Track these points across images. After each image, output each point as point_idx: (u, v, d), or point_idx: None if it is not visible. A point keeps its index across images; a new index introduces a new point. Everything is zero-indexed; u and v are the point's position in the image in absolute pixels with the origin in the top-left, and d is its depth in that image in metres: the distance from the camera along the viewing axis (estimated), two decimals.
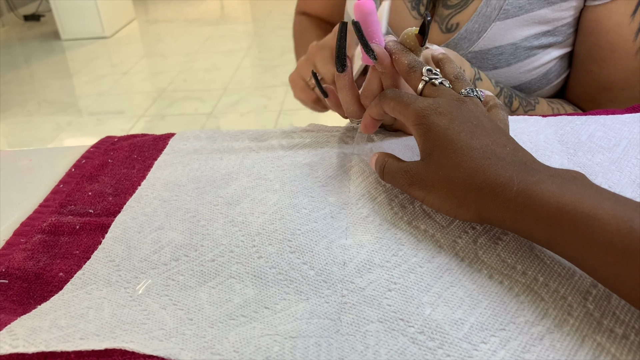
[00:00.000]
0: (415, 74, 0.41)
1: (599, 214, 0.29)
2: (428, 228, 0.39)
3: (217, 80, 2.83)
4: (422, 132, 0.38)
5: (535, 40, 0.60)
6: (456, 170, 0.35)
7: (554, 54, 0.62)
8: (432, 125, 0.37)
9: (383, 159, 0.42)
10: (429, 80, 0.41)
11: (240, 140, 0.54)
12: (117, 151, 0.54)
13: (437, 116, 0.37)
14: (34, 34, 3.94)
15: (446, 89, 0.40)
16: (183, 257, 0.38)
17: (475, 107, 0.39)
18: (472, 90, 0.41)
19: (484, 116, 0.38)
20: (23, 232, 0.43)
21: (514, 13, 0.59)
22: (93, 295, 0.36)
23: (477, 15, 0.60)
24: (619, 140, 0.47)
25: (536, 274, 0.34)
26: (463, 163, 0.35)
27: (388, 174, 0.41)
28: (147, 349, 0.30)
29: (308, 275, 0.36)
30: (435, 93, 0.40)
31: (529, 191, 0.32)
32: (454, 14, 0.62)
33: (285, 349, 0.30)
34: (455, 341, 0.30)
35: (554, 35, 0.60)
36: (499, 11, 0.59)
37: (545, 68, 0.62)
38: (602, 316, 0.31)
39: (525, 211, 0.32)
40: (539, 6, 0.58)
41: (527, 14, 0.59)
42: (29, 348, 0.30)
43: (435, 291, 0.33)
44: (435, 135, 0.37)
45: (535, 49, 0.60)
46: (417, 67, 0.42)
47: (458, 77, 0.43)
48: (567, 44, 0.62)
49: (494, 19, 0.59)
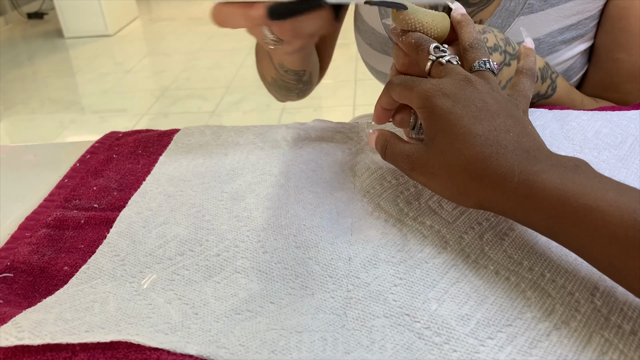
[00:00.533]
0: (423, 53, 0.40)
1: (602, 206, 0.29)
2: (434, 224, 0.39)
3: (220, 79, 2.83)
4: (426, 115, 0.37)
5: (559, 35, 0.59)
6: (457, 157, 0.34)
7: (576, 49, 0.61)
8: (435, 108, 0.36)
9: (385, 139, 0.41)
10: (435, 59, 0.39)
11: (245, 135, 0.53)
12: (121, 146, 0.54)
13: (441, 98, 0.36)
14: (38, 32, 3.94)
15: (453, 67, 0.39)
16: (188, 251, 0.38)
17: (483, 86, 0.37)
18: (484, 62, 0.40)
19: (491, 96, 0.37)
20: (28, 226, 0.43)
21: (539, 7, 0.57)
22: (98, 289, 0.36)
23: (501, 10, 0.58)
24: (626, 137, 0.47)
25: (543, 270, 0.34)
26: (464, 150, 0.34)
27: (390, 155, 0.40)
28: (152, 342, 0.30)
29: (313, 270, 0.36)
30: (442, 72, 0.39)
31: (530, 182, 0.31)
32: (477, 11, 0.60)
33: (291, 343, 0.30)
34: (461, 337, 0.30)
35: (577, 29, 0.59)
36: (524, 5, 0.57)
37: (567, 64, 0.61)
38: (609, 312, 0.30)
39: (526, 202, 0.31)
40: (564, 0, 0.57)
41: (552, 7, 0.57)
42: (35, 340, 0.30)
43: (441, 287, 0.33)
44: (438, 118, 0.36)
45: (559, 44, 0.59)
46: (424, 45, 0.40)
47: (473, 45, 0.41)
48: (588, 37, 0.61)
49: (518, 14, 0.58)
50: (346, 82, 2.63)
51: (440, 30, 0.43)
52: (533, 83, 0.42)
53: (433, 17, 0.43)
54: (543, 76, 0.53)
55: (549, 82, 0.54)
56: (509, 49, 0.49)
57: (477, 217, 0.39)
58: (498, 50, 0.47)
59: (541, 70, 0.53)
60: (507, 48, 0.49)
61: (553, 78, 0.54)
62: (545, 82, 0.54)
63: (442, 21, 0.43)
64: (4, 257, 0.40)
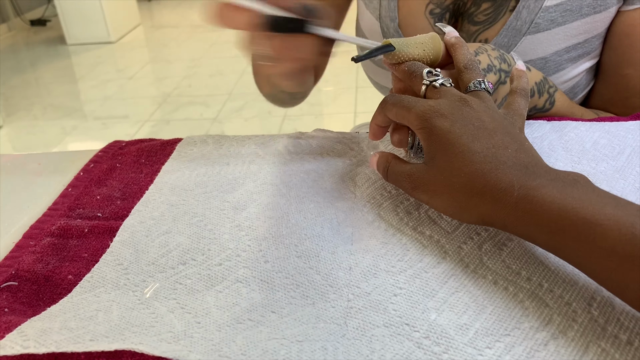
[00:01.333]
0: (417, 79, 0.41)
1: (601, 219, 0.29)
2: (433, 234, 0.39)
3: (222, 86, 2.85)
4: (426, 135, 0.38)
5: (566, 54, 0.59)
6: (457, 175, 0.35)
7: (582, 67, 0.61)
8: (434, 129, 0.37)
9: (386, 160, 0.42)
10: (429, 83, 0.41)
11: (246, 145, 0.54)
12: (125, 155, 0.55)
13: (439, 118, 0.37)
14: (40, 38, 3.97)
15: (448, 90, 0.40)
16: (190, 260, 0.39)
17: (479, 105, 0.38)
18: (479, 82, 0.41)
19: (487, 115, 0.38)
20: (32, 235, 0.44)
21: (546, 27, 0.57)
22: (102, 298, 0.36)
23: (507, 29, 0.58)
24: (623, 148, 0.48)
25: (541, 280, 0.34)
26: (464, 167, 0.35)
27: (392, 176, 0.41)
28: (156, 351, 0.30)
29: (314, 279, 0.36)
30: (437, 95, 0.40)
31: (530, 197, 0.32)
32: (482, 30, 0.60)
33: (292, 352, 0.30)
34: (460, 346, 0.30)
35: (583, 47, 0.59)
36: (530, 25, 0.57)
37: (573, 82, 0.61)
38: (606, 322, 0.31)
39: (526, 217, 0.32)
40: (571, 19, 0.57)
41: (559, 27, 0.57)
42: (40, 349, 0.31)
43: (440, 296, 0.34)
44: (437, 138, 0.37)
45: (565, 63, 0.60)
46: (417, 71, 0.42)
47: (467, 67, 0.42)
48: (594, 55, 0.61)
49: (525, 33, 0.58)
50: (347, 89, 2.64)
51: (432, 57, 0.44)
52: (527, 102, 0.43)
53: (423, 46, 0.44)
54: (540, 90, 0.54)
55: (547, 96, 0.54)
56: (504, 66, 0.49)
57: (475, 228, 0.39)
58: (492, 70, 0.48)
59: (537, 84, 0.53)
60: (502, 66, 0.49)
61: (551, 92, 0.55)
62: (543, 96, 0.54)
63: (432, 47, 0.44)
64: (9, 265, 0.40)
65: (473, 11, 0.60)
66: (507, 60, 0.50)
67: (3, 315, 0.35)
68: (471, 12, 0.60)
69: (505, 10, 0.58)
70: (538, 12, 0.56)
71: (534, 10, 0.56)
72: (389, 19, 0.63)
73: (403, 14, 0.63)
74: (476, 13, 0.60)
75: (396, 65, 0.44)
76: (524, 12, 0.57)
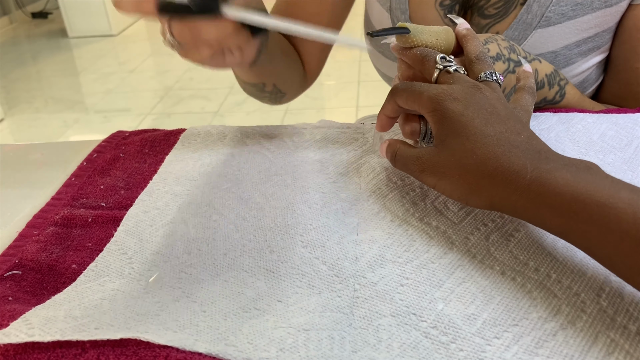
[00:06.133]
0: (429, 63, 0.41)
1: (615, 202, 0.29)
2: (440, 225, 0.39)
3: (224, 79, 2.84)
4: (437, 118, 0.37)
5: (576, 48, 0.58)
6: (469, 156, 0.35)
7: (592, 61, 0.61)
8: (446, 111, 0.37)
9: (395, 146, 0.42)
10: (443, 68, 0.40)
11: (250, 136, 0.54)
12: (128, 145, 0.54)
13: (452, 102, 0.37)
14: (42, 31, 3.95)
15: (461, 76, 0.40)
16: (195, 250, 0.39)
17: (491, 93, 0.38)
18: (491, 74, 0.41)
19: (500, 103, 0.38)
20: (36, 224, 0.44)
21: (556, 20, 0.57)
22: (106, 287, 0.36)
23: (517, 22, 0.58)
24: (631, 139, 0.47)
25: (549, 270, 0.34)
26: (476, 149, 0.35)
27: (400, 161, 0.41)
28: (161, 339, 0.30)
29: (320, 269, 0.36)
30: (450, 80, 0.39)
31: (543, 179, 0.32)
32: (493, 24, 0.60)
33: (299, 341, 0.30)
34: (468, 336, 0.30)
35: (593, 42, 0.59)
36: (541, 18, 0.57)
37: (583, 76, 0.61)
38: (615, 313, 0.31)
39: (538, 199, 0.32)
40: (582, 13, 0.56)
41: (569, 21, 0.57)
42: (45, 337, 0.30)
43: (447, 287, 0.34)
44: (450, 121, 0.36)
45: (575, 57, 0.59)
46: (430, 56, 0.41)
47: (479, 58, 0.42)
48: (604, 49, 0.61)
49: (535, 27, 0.57)
50: (349, 83, 2.64)
51: (444, 47, 0.44)
52: (534, 99, 0.43)
53: (437, 35, 0.43)
54: (550, 82, 0.53)
55: (557, 88, 0.54)
56: (513, 56, 0.49)
57: (482, 218, 0.39)
58: (501, 59, 0.48)
59: (548, 76, 0.53)
60: (511, 55, 0.49)
61: (562, 85, 0.55)
62: (553, 88, 0.54)
63: (445, 38, 0.44)
64: (13, 254, 0.40)
65: (483, 4, 0.60)
66: (517, 50, 0.50)
67: (7, 303, 0.35)
68: (481, 4, 0.60)
69: (516, 4, 0.58)
70: (549, 5, 0.56)
71: (545, 4, 0.56)
72: (400, 11, 0.63)
73: (413, 6, 0.62)
74: (486, 6, 0.59)
75: (406, 50, 0.43)
76: (535, 5, 0.56)
